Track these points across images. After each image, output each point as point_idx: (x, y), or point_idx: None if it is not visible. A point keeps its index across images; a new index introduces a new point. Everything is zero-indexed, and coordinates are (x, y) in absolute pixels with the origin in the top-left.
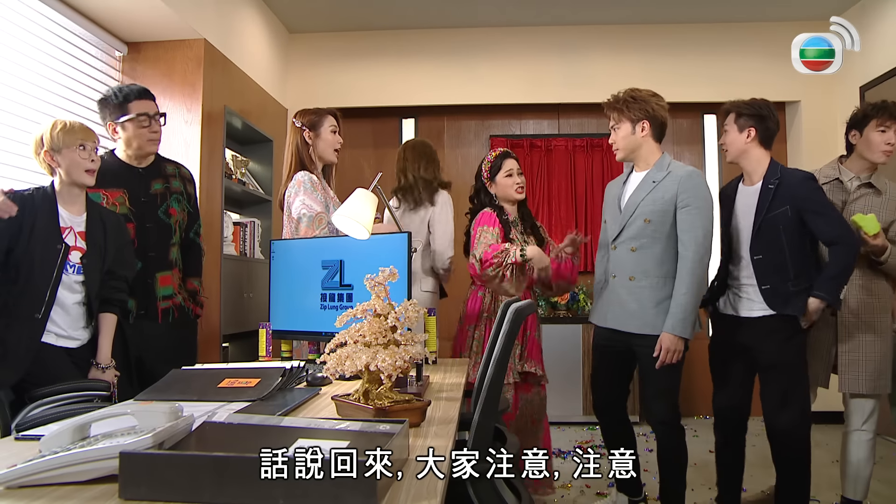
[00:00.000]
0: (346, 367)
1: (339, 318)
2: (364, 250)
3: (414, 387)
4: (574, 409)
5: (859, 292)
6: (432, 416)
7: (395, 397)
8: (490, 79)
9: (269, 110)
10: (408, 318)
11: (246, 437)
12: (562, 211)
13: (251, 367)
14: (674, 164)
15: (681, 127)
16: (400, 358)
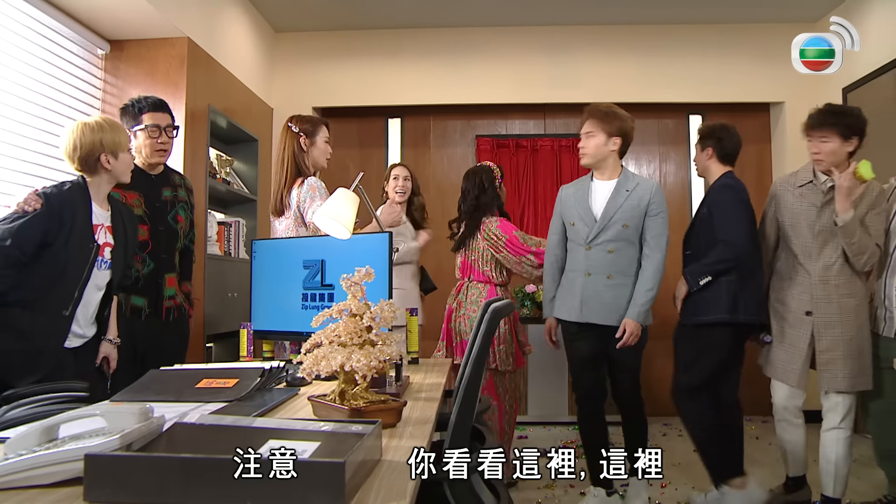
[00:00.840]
0: (322, 368)
1: (316, 318)
2: (345, 250)
3: (393, 387)
4: (559, 408)
5: (835, 292)
6: (409, 417)
7: (370, 398)
8: (476, 79)
9: (255, 110)
10: (383, 318)
11: (216, 438)
12: (548, 211)
13: (230, 368)
14: (636, 175)
15: (666, 127)
16: (375, 358)
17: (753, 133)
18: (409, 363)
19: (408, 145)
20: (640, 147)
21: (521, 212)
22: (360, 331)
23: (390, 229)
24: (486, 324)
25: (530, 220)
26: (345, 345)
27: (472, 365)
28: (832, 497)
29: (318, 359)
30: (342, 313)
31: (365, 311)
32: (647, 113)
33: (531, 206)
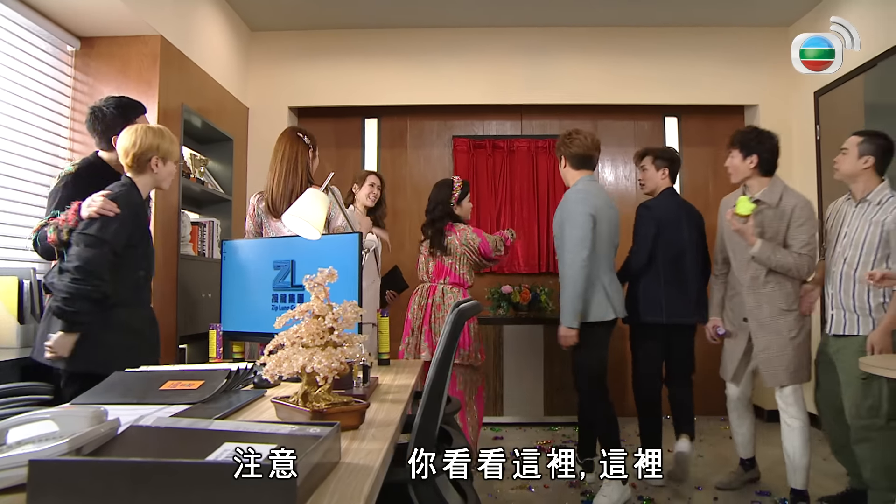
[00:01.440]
0: (284, 370)
1: (279, 319)
2: (315, 251)
3: (360, 388)
4: (535, 410)
5: (765, 299)
6: (373, 419)
7: (332, 399)
8: (453, 79)
9: (230, 109)
10: (346, 319)
11: (171, 441)
12: (524, 212)
13: (196, 370)
14: (576, 186)
15: (642, 129)
16: (336, 360)
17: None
18: (380, 364)
19: (384, 146)
20: (616, 149)
21: (498, 212)
22: (322, 332)
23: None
24: (452, 325)
25: (506, 221)
26: (308, 346)
27: (437, 366)
28: (797, 489)
29: (280, 360)
30: (305, 314)
31: (328, 312)
32: (624, 115)
33: (507, 207)
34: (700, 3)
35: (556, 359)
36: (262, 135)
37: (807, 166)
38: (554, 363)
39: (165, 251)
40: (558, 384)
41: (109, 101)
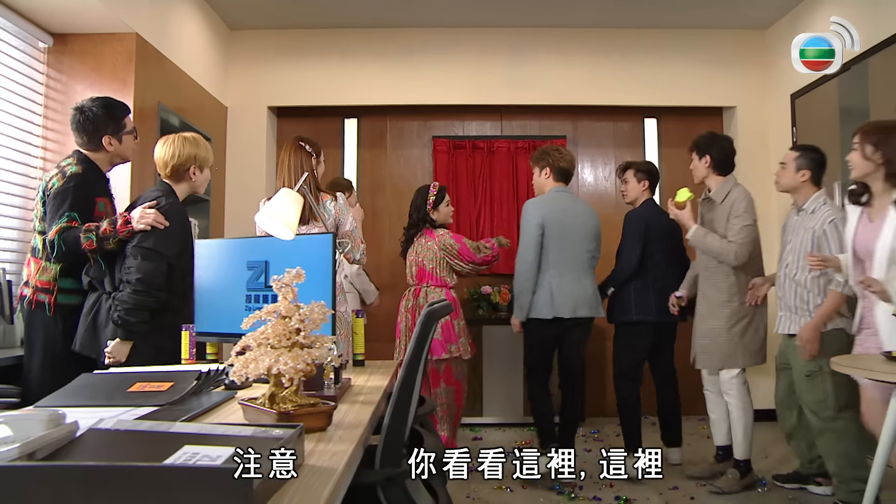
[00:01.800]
0: (251, 371)
1: (246, 320)
2: (289, 251)
3: (332, 390)
4: (515, 410)
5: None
6: (342, 420)
7: (299, 401)
8: (433, 79)
9: (208, 108)
10: (313, 320)
11: (130, 444)
12: (504, 212)
13: (165, 371)
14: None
15: (622, 130)
16: (302, 361)
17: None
18: (355, 365)
19: (364, 146)
20: (596, 150)
21: (477, 214)
22: (288, 333)
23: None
24: (421, 325)
25: (486, 222)
26: (275, 347)
27: (407, 367)
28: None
29: (247, 362)
30: (272, 315)
31: (294, 313)
32: (603, 116)
33: (487, 208)
34: (679, 6)
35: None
36: (241, 134)
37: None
38: None
39: None
40: None
41: (95, 102)
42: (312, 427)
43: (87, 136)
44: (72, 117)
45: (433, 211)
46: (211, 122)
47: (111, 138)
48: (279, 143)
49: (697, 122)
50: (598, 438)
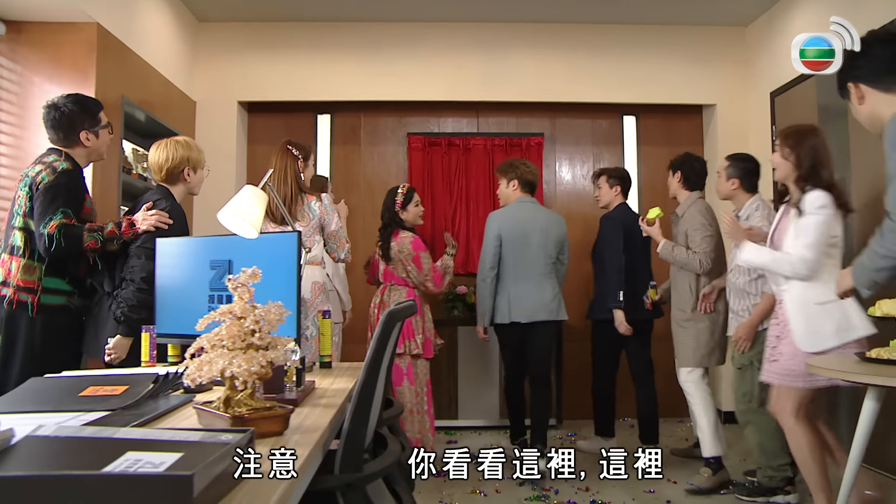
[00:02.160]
0: (204, 374)
1: (201, 321)
2: (253, 250)
3: (293, 393)
4: (491, 412)
5: (673, 294)
6: (300, 424)
7: (254, 405)
8: (408, 75)
9: (175, 102)
10: (269, 321)
11: (69, 452)
12: (480, 211)
13: (121, 374)
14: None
15: (601, 128)
16: (256, 363)
17: (686, 135)
18: (321, 367)
19: (337, 142)
20: (574, 148)
21: (453, 212)
22: (243, 334)
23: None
24: (382, 326)
25: (462, 221)
26: (230, 349)
27: (367, 369)
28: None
29: (201, 364)
30: (228, 316)
31: (249, 314)
32: (582, 113)
33: (463, 206)
34: (658, 2)
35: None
36: (211, 130)
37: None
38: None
39: None
40: None
41: (68, 98)
42: (268, 431)
43: (63, 133)
44: (45, 115)
45: (402, 211)
46: (179, 117)
47: (88, 133)
48: (250, 138)
49: (677, 119)
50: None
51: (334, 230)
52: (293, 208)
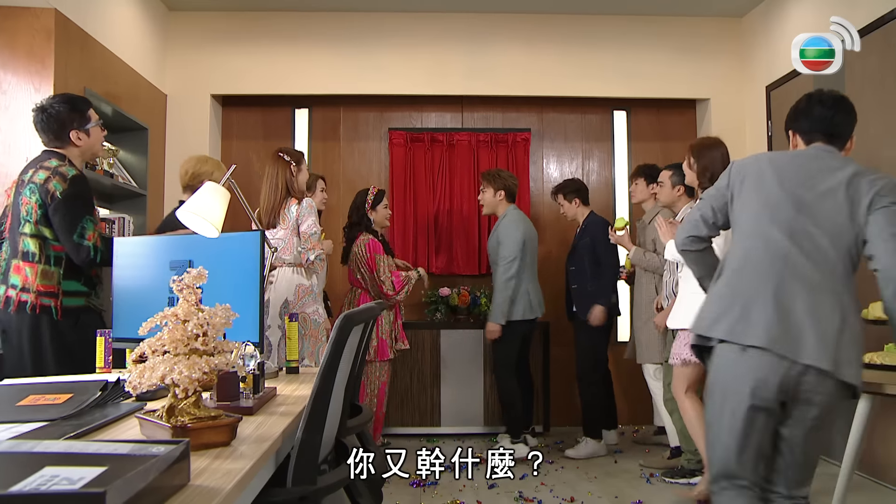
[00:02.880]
0: (145, 382)
1: (144, 324)
2: (215, 249)
3: (250, 400)
4: (475, 418)
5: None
6: (251, 434)
7: (198, 413)
8: (390, 68)
9: (144, 95)
10: (213, 324)
11: None
12: (464, 209)
13: (66, 382)
14: (508, 213)
15: (590, 123)
16: (198, 369)
17: (679, 130)
18: (288, 372)
19: (316, 138)
20: (563, 144)
21: (436, 210)
22: (186, 339)
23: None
24: (337, 331)
25: (445, 220)
26: (176, 354)
27: (322, 375)
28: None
29: (143, 371)
30: (168, 318)
31: (193, 317)
32: (571, 108)
33: (446, 204)
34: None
35: None
36: (182, 124)
37: None
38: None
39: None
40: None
41: (56, 98)
42: (213, 442)
43: (54, 134)
44: (34, 118)
45: (371, 211)
46: (148, 111)
47: (79, 132)
48: (224, 133)
49: (669, 114)
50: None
51: (305, 230)
52: (279, 213)
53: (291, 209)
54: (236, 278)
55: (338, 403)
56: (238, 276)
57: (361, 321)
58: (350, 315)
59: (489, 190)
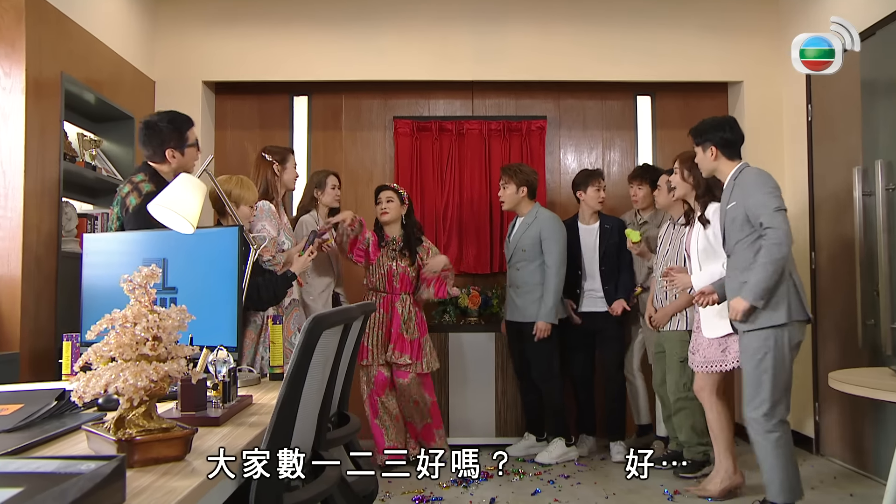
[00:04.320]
0: (90, 391)
1: (93, 327)
2: (191, 247)
3: (218, 410)
4: (486, 428)
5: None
6: (211, 447)
7: (148, 425)
8: (395, 52)
9: (130, 82)
10: (164, 328)
11: None
12: (474, 203)
13: (19, 391)
14: (540, 211)
15: (612, 109)
16: (145, 377)
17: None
18: (272, 379)
19: (316, 127)
20: (581, 133)
21: (445, 205)
22: (134, 343)
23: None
24: (305, 335)
25: (454, 215)
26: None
27: (288, 383)
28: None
29: (89, 379)
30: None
31: (142, 319)
32: (590, 93)
33: (456, 198)
34: None
35: (510, 370)
36: None
37: (797, 150)
38: (507, 375)
39: (39, 249)
40: (512, 400)
41: (162, 116)
42: (164, 456)
43: (153, 150)
44: (139, 132)
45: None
46: (134, 99)
47: (174, 151)
48: (218, 123)
49: (698, 99)
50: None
51: (254, 235)
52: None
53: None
54: (213, 277)
55: (310, 413)
56: (215, 275)
57: (334, 324)
58: (320, 317)
59: (511, 186)
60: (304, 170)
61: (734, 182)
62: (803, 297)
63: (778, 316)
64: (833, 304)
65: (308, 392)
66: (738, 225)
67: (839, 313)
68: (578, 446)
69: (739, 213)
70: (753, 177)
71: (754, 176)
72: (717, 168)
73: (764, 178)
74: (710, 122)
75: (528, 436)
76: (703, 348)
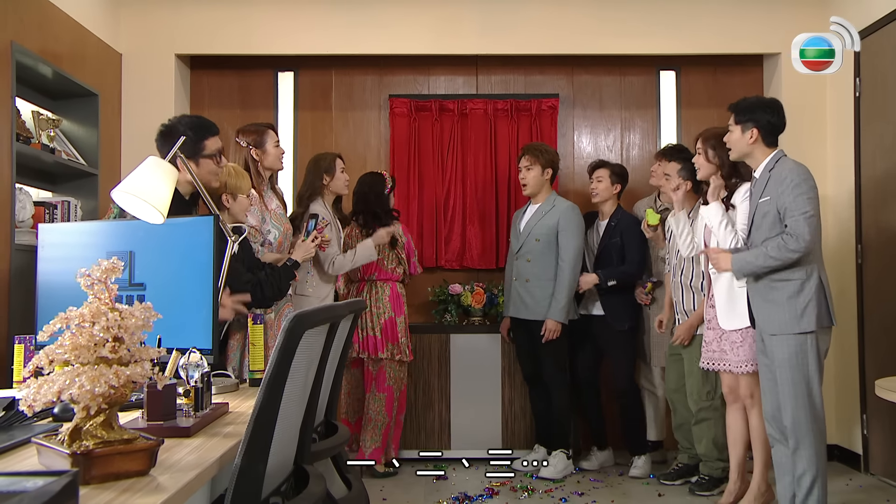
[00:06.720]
0: (41, 398)
1: (46, 327)
2: (161, 238)
3: (190, 419)
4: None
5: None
6: (180, 460)
7: (107, 437)
8: (390, 23)
9: (93, 55)
10: (125, 327)
11: None
12: (479, 191)
13: None
14: (558, 199)
15: (631, 86)
16: (104, 382)
17: (740, 94)
18: (251, 385)
19: (303, 106)
20: (598, 112)
21: (446, 192)
22: (92, 345)
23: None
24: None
25: (457, 203)
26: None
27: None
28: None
29: (40, 385)
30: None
31: (101, 318)
32: (607, 68)
33: (458, 185)
34: None
35: (518, 375)
36: (142, 89)
37: (842, 130)
38: (515, 381)
39: None
40: (520, 408)
41: (183, 120)
42: (125, 471)
43: (165, 155)
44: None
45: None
46: (98, 74)
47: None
48: (194, 101)
49: (729, 74)
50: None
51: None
52: None
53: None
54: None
55: (291, 423)
56: (188, 270)
57: (318, 323)
58: (302, 315)
59: (536, 167)
60: (290, 156)
61: (769, 174)
62: (830, 300)
63: (806, 323)
64: (881, 302)
65: (289, 399)
66: (769, 223)
67: (888, 313)
68: (587, 460)
69: (772, 209)
70: (791, 173)
71: (792, 173)
72: (751, 153)
73: (802, 177)
74: (757, 102)
75: (538, 448)
76: (746, 348)
